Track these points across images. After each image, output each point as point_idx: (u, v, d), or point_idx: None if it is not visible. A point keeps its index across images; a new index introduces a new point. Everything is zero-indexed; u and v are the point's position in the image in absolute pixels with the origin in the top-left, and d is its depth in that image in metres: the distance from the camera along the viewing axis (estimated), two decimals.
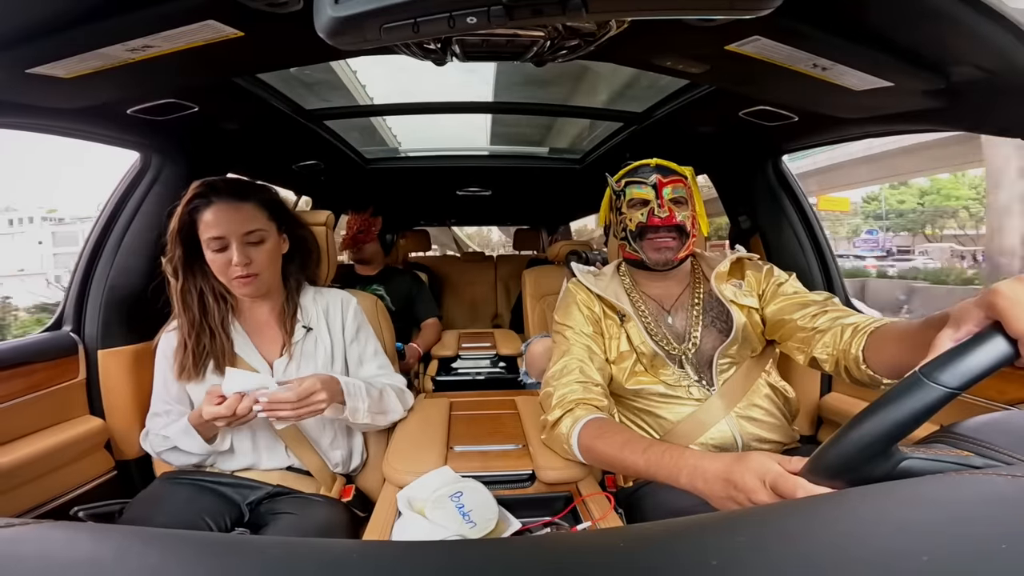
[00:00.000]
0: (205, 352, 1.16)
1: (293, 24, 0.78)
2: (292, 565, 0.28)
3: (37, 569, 0.27)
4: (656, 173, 1.18)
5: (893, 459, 0.49)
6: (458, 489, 0.90)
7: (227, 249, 1.12)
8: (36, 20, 0.75)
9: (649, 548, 0.30)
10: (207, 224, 1.12)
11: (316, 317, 1.27)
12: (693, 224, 1.19)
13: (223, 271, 1.14)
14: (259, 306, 1.24)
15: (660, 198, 1.16)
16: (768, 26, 0.81)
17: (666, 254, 1.17)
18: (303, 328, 1.24)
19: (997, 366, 0.50)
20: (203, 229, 1.12)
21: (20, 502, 1.17)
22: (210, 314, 1.18)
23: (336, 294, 1.33)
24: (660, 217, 1.15)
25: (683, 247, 1.18)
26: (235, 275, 1.13)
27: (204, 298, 1.18)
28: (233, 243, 1.12)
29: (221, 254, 1.12)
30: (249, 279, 1.14)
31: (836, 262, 1.73)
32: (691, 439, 1.08)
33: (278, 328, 1.24)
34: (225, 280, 1.15)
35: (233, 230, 1.12)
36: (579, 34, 0.88)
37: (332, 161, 2.22)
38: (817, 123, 1.39)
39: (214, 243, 1.12)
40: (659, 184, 1.16)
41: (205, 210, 1.12)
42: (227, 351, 1.18)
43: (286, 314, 1.24)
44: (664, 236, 1.17)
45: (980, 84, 0.90)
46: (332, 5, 0.52)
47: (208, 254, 1.13)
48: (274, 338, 1.23)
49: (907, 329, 0.83)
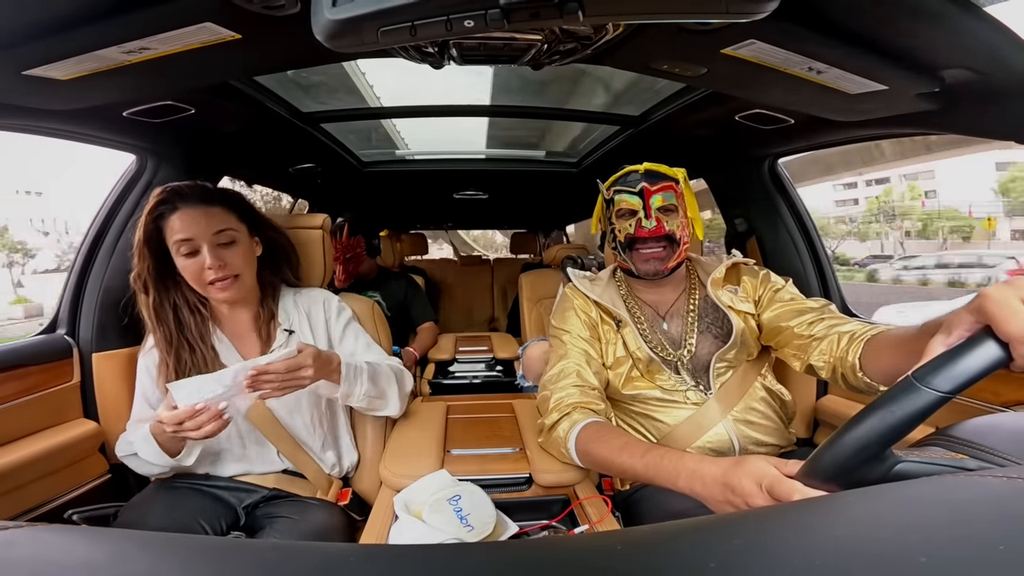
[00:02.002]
0: (187, 368, 1.11)
1: (290, 27, 0.78)
2: (288, 568, 0.28)
3: (32, 573, 0.27)
4: (644, 180, 1.15)
5: (888, 462, 0.49)
6: (456, 493, 0.90)
7: (198, 253, 1.08)
8: (32, 22, 0.75)
9: (646, 551, 0.30)
10: (174, 229, 1.08)
11: (298, 319, 1.24)
12: (684, 231, 1.17)
13: (197, 277, 1.09)
14: (238, 312, 1.21)
15: (647, 208, 1.14)
16: (764, 30, 0.81)
17: (654, 264, 1.16)
18: (285, 332, 1.21)
19: (989, 369, 0.51)
20: (170, 235, 1.08)
21: (14, 505, 1.16)
22: (186, 327, 1.14)
23: (318, 294, 1.30)
24: (647, 228, 1.13)
25: (674, 256, 1.16)
26: (210, 279, 1.09)
27: (179, 311, 1.14)
28: (204, 246, 1.08)
29: (192, 259, 1.08)
30: (226, 281, 1.10)
31: (832, 266, 1.74)
32: (688, 442, 1.08)
33: (259, 332, 1.21)
34: (200, 287, 1.11)
35: (202, 232, 1.08)
36: (576, 38, 0.88)
37: (329, 164, 2.22)
38: (812, 126, 1.39)
39: (184, 246, 1.07)
40: (646, 193, 1.14)
41: (171, 216, 1.08)
42: (210, 362, 1.14)
43: (261, 319, 1.21)
44: (652, 246, 1.15)
45: (974, 87, 0.90)
46: (329, 8, 0.52)
47: (179, 261, 1.09)
48: (256, 344, 1.21)
49: (903, 336, 0.84)
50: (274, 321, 1.22)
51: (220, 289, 1.10)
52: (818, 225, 1.80)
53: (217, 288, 1.10)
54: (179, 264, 1.09)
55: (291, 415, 1.19)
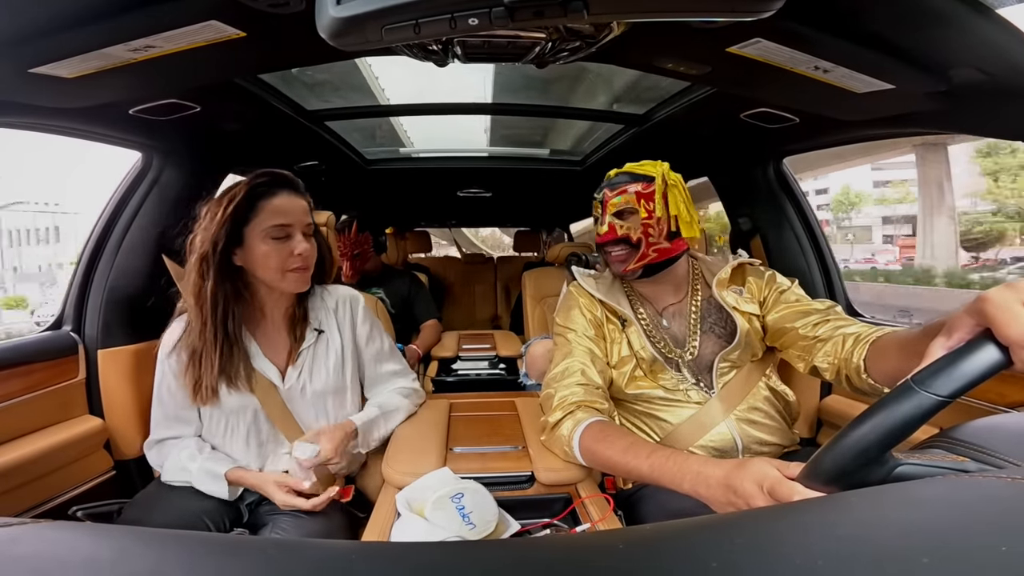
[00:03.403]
0: (225, 365, 1.09)
1: (295, 25, 0.78)
2: (291, 565, 0.28)
3: (35, 569, 0.27)
4: (606, 187, 1.19)
5: (888, 465, 0.50)
6: (459, 490, 0.90)
7: (289, 239, 1.10)
8: (39, 20, 0.75)
9: (648, 550, 0.30)
10: (272, 211, 1.08)
11: (326, 318, 1.25)
12: (646, 232, 1.15)
13: (281, 262, 1.09)
14: (275, 310, 1.19)
15: (604, 213, 1.18)
16: (769, 28, 0.81)
17: (617, 266, 1.20)
18: (315, 331, 1.21)
19: (988, 374, 0.51)
20: (263, 218, 1.08)
21: (19, 502, 1.17)
22: (236, 321, 1.11)
23: (344, 292, 1.31)
24: (600, 234, 1.19)
25: (635, 258, 1.17)
26: (295, 265, 1.10)
27: (228, 303, 1.10)
28: (297, 232, 1.11)
29: (282, 243, 1.09)
30: (306, 271, 1.13)
31: (837, 265, 1.73)
32: (691, 441, 1.08)
33: (288, 333, 1.20)
34: (278, 272, 1.10)
35: (298, 219, 1.11)
36: (580, 36, 0.88)
37: (333, 162, 2.22)
38: (818, 126, 1.39)
39: (277, 231, 1.08)
40: (606, 199, 1.18)
41: (270, 199, 1.09)
42: (246, 364, 1.12)
43: (297, 317, 1.21)
44: (612, 249, 1.19)
45: (981, 87, 0.90)
46: (334, 6, 0.52)
47: (264, 245, 1.08)
48: (284, 343, 1.20)
49: (906, 338, 0.84)
50: (306, 320, 1.22)
51: (298, 276, 1.12)
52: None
53: (298, 274, 1.12)
54: (261, 249, 1.08)
55: (316, 419, 1.20)
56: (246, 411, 1.13)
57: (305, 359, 1.19)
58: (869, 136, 1.41)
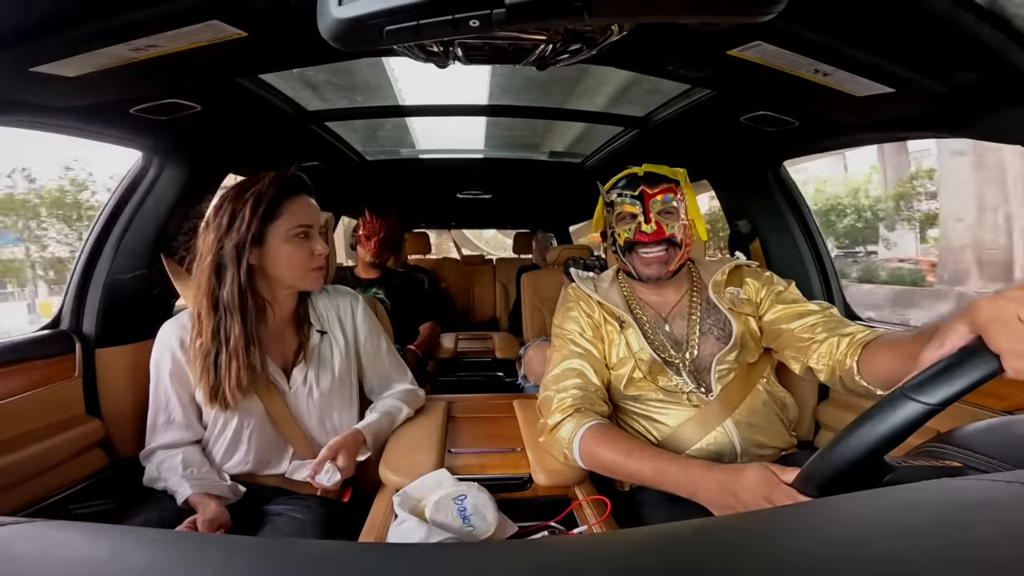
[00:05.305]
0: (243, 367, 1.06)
1: (296, 25, 0.78)
2: (288, 565, 0.28)
3: (31, 568, 0.27)
4: (643, 183, 1.14)
5: (882, 470, 0.50)
6: (461, 492, 0.90)
7: (309, 239, 1.12)
8: (40, 19, 0.75)
9: (646, 552, 0.30)
10: (295, 212, 1.10)
11: (328, 319, 1.25)
12: (686, 233, 1.16)
13: (304, 262, 1.12)
14: (282, 310, 1.18)
15: (647, 211, 1.13)
16: (770, 31, 0.81)
17: (656, 268, 1.14)
18: (318, 332, 1.22)
19: (979, 382, 0.51)
20: (288, 217, 1.09)
21: (14, 500, 1.17)
22: (249, 320, 1.08)
23: (345, 293, 1.31)
24: (647, 232, 1.12)
25: (676, 259, 1.15)
26: (317, 264, 1.13)
27: (247, 303, 1.07)
28: (316, 232, 1.13)
29: (305, 244, 1.11)
30: (324, 270, 1.16)
31: (835, 269, 1.73)
32: (689, 444, 1.08)
33: (293, 334, 1.20)
34: (301, 272, 1.12)
35: (316, 221, 1.14)
36: (582, 37, 0.88)
37: (333, 162, 2.22)
38: (818, 129, 1.39)
39: (302, 231, 1.10)
40: (646, 196, 1.13)
41: (293, 200, 1.11)
42: (263, 367, 1.10)
43: (301, 317, 1.21)
44: (653, 250, 1.14)
45: (982, 90, 0.90)
46: (336, 6, 0.52)
47: (287, 246, 1.09)
48: (289, 344, 1.20)
49: (899, 341, 0.84)
50: (308, 321, 1.22)
51: (319, 275, 1.15)
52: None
53: (318, 273, 1.14)
54: (284, 250, 1.09)
55: (320, 422, 1.21)
56: (250, 415, 1.13)
57: (311, 359, 1.19)
58: (869, 140, 1.42)
